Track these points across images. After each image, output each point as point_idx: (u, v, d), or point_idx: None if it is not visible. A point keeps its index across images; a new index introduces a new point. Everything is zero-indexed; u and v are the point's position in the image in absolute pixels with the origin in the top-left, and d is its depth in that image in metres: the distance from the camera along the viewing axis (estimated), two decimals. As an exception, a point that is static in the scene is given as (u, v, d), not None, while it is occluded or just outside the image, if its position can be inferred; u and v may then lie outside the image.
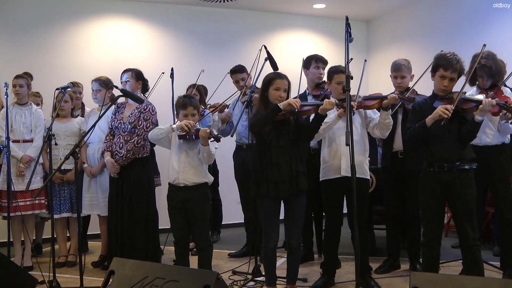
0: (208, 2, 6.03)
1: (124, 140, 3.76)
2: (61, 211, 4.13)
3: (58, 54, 5.61)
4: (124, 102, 4.01)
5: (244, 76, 4.26)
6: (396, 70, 3.73)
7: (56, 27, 5.63)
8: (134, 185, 3.75)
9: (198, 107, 3.36)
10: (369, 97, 3.37)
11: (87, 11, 5.76)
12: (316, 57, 4.10)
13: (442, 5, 5.76)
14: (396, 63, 3.75)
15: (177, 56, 6.02)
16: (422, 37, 6.02)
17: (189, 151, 3.27)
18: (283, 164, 3.01)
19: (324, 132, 3.25)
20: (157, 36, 6.04)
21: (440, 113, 2.77)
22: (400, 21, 6.45)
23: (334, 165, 3.30)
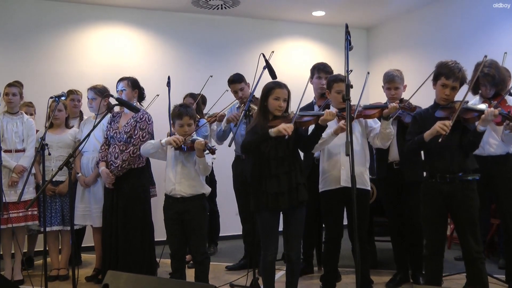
0: (206, 10, 6.07)
1: (120, 150, 3.76)
2: (52, 224, 4.11)
3: (52, 62, 5.62)
4: (120, 111, 4.02)
5: (242, 86, 4.26)
6: (389, 82, 3.74)
7: (50, 35, 5.65)
8: (130, 196, 3.75)
9: (194, 117, 3.37)
10: (369, 106, 3.39)
11: (83, 18, 5.79)
12: (318, 67, 4.10)
13: (445, 13, 5.79)
14: (388, 74, 3.76)
15: (174, 64, 6.05)
16: (425, 45, 6.05)
17: (185, 162, 3.27)
18: (282, 175, 3.02)
19: (320, 146, 3.26)
20: (153, 44, 6.07)
21: (438, 129, 2.78)
22: (402, 29, 6.50)
23: (334, 176, 3.31)
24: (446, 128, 2.74)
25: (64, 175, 4.06)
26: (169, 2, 5.83)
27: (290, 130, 2.88)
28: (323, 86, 4.02)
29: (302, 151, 3.33)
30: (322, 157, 3.43)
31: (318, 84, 4.07)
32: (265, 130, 2.99)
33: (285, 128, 2.87)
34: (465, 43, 5.44)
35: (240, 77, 4.30)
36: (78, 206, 4.10)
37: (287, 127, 2.88)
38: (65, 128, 4.30)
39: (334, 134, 3.20)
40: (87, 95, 4.21)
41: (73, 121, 4.54)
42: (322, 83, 4.03)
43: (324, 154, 3.41)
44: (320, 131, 3.07)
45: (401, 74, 3.77)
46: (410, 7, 6.14)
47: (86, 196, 4.11)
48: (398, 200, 3.74)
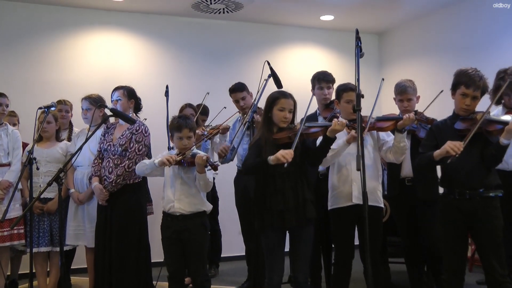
0: (207, 14, 6.09)
1: (114, 164, 3.76)
2: (39, 245, 4.01)
3: (42, 70, 5.62)
4: (115, 123, 4.03)
5: (244, 95, 4.26)
6: (401, 93, 3.73)
7: (40, 40, 5.65)
8: (125, 214, 3.73)
9: (194, 129, 3.37)
10: (382, 118, 3.37)
11: (75, 23, 5.81)
12: (318, 77, 4.07)
13: (463, 16, 5.78)
14: (400, 85, 3.75)
15: (172, 72, 6.07)
16: (441, 51, 6.04)
17: (185, 178, 3.27)
18: (288, 191, 3.01)
19: (331, 159, 3.25)
20: (151, 50, 6.10)
21: (448, 149, 2.75)
22: (416, 34, 6.50)
23: (345, 192, 3.29)
24: (457, 150, 2.71)
25: (53, 191, 4.01)
26: (167, 6, 5.86)
27: (290, 157, 2.82)
28: (326, 97, 4.02)
29: (309, 165, 3.32)
30: (332, 172, 3.42)
31: (321, 95, 4.04)
32: (266, 147, 2.99)
33: (283, 155, 2.82)
34: (485, 49, 5.43)
35: (241, 85, 4.31)
36: (70, 224, 4.08)
37: (285, 154, 2.82)
38: (55, 141, 4.26)
39: (346, 143, 3.19)
40: (82, 105, 4.21)
41: (63, 134, 4.52)
42: (324, 93, 4.01)
43: (334, 168, 3.39)
44: (328, 143, 3.05)
45: (414, 84, 3.76)
46: (425, 10, 6.14)
47: (80, 213, 4.09)
48: (412, 218, 3.70)
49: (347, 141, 3.17)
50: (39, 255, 4.09)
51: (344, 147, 3.21)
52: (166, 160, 3.17)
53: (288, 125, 3.12)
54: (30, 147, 3.69)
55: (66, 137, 4.53)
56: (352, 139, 3.13)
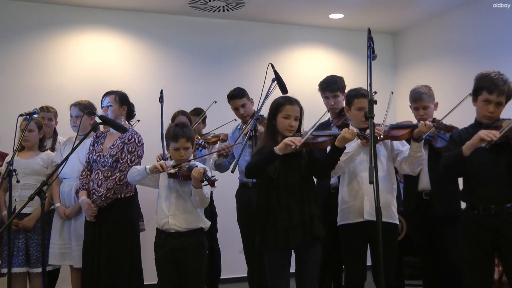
0: (205, 12, 6.11)
1: (104, 177, 3.77)
2: (13, 265, 3.89)
3: (24, 74, 5.59)
4: (105, 131, 4.05)
5: (244, 102, 4.27)
6: (416, 100, 3.75)
7: (21, 41, 5.64)
8: (115, 231, 3.73)
9: (192, 139, 3.40)
10: (397, 126, 3.39)
11: (61, 22, 5.82)
12: (321, 86, 4.09)
13: (484, 15, 5.78)
14: (414, 92, 3.77)
15: (168, 76, 6.09)
16: (461, 52, 6.04)
17: (180, 191, 3.29)
18: (293, 206, 3.02)
19: (345, 164, 3.25)
20: (145, 52, 6.12)
21: (483, 135, 2.73)
22: (434, 34, 6.50)
23: (356, 207, 3.30)
24: (492, 136, 2.71)
25: (30, 206, 3.94)
26: (162, 3, 5.88)
27: (298, 142, 2.89)
28: (333, 107, 4.03)
29: (317, 178, 3.33)
30: (342, 184, 3.43)
31: (327, 105, 4.07)
32: (270, 148, 3.00)
33: (291, 140, 2.89)
34: (509, 50, 5.43)
35: (241, 91, 4.31)
36: (54, 242, 4.06)
37: (293, 139, 2.90)
38: (38, 151, 4.25)
39: (361, 145, 3.18)
40: (70, 112, 4.23)
41: (47, 143, 4.49)
42: (330, 103, 4.04)
43: (344, 181, 3.40)
44: (337, 154, 3.06)
45: (430, 90, 3.78)
46: (444, 8, 6.14)
47: (66, 230, 4.08)
48: (431, 236, 3.70)
49: (362, 143, 3.17)
50: (14, 277, 3.92)
51: (359, 149, 3.21)
52: (159, 166, 3.19)
53: (294, 134, 3.12)
54: (10, 158, 3.70)
55: (49, 147, 4.52)
56: (366, 142, 3.13)
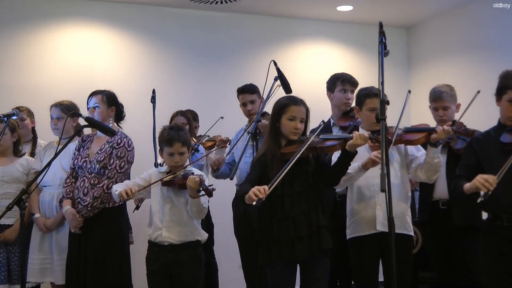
0: (201, 4, 6.13)
1: (90, 184, 3.78)
2: None
3: (1, 71, 5.60)
4: (91, 135, 4.06)
5: (254, 99, 4.29)
6: (436, 100, 3.78)
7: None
8: (103, 244, 3.73)
9: (188, 143, 3.41)
10: (412, 129, 3.39)
11: (43, 15, 5.81)
12: (343, 77, 4.15)
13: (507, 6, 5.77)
14: (434, 91, 3.80)
15: (161, 74, 6.10)
16: (482, 48, 6.04)
17: (175, 201, 3.31)
18: (299, 217, 3.03)
19: (344, 183, 3.27)
20: (136, 47, 6.13)
21: (478, 184, 2.68)
22: (452, 27, 6.50)
23: (367, 218, 3.31)
24: (488, 186, 2.65)
25: (12, 216, 3.98)
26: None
27: (263, 194, 2.72)
28: (348, 102, 4.07)
29: (325, 186, 3.33)
30: (351, 193, 3.44)
31: (342, 99, 4.11)
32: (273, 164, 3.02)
33: (254, 192, 2.73)
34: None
35: (253, 87, 4.35)
36: (34, 257, 4.03)
37: (257, 191, 2.73)
38: (13, 156, 4.23)
39: (362, 169, 3.19)
40: (51, 113, 4.23)
41: (24, 147, 4.49)
42: (347, 97, 4.08)
43: (353, 189, 3.41)
44: (348, 159, 3.07)
45: (452, 90, 3.81)
46: (463, 0, 6.14)
47: (47, 243, 4.07)
48: (449, 250, 3.71)
49: (364, 166, 3.17)
50: None
51: (360, 173, 3.22)
52: (125, 193, 3.19)
53: (299, 137, 3.14)
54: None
55: (29, 151, 4.51)
56: (371, 164, 3.13)
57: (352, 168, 3.19)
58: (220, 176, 4.29)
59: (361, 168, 3.19)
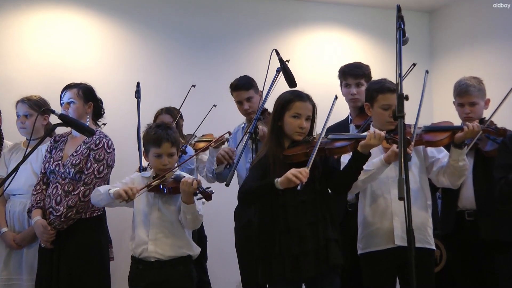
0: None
1: (64, 191, 3.77)
2: None
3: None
4: (65, 134, 4.05)
5: (250, 95, 4.27)
6: (462, 95, 3.78)
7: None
8: (79, 261, 3.71)
9: (178, 143, 3.41)
10: (433, 128, 3.39)
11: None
12: (343, 70, 4.16)
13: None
14: (460, 84, 3.80)
15: (146, 65, 6.09)
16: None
17: (164, 209, 3.30)
18: (305, 228, 3.04)
19: (363, 184, 3.27)
20: (117, 34, 6.10)
21: None
22: (481, 11, 6.45)
23: (383, 230, 3.31)
24: None
25: None
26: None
27: (305, 176, 2.82)
28: (354, 98, 4.08)
29: (334, 193, 3.34)
30: (363, 201, 3.44)
31: (347, 95, 4.14)
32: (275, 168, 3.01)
33: (295, 175, 2.82)
34: None
35: (248, 81, 4.31)
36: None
37: (299, 173, 2.82)
38: None
39: (385, 163, 3.19)
40: (17, 110, 4.24)
41: None
42: (352, 92, 4.09)
43: (366, 197, 3.41)
44: (360, 162, 3.07)
45: (481, 84, 3.81)
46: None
47: (14, 261, 4.07)
48: (477, 267, 3.70)
49: (386, 159, 3.17)
50: None
51: (382, 168, 3.21)
52: (124, 193, 3.16)
53: (305, 137, 3.15)
54: None
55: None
56: (394, 156, 3.12)
57: (373, 165, 3.19)
58: (223, 176, 4.26)
59: (384, 162, 3.18)
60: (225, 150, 4.16)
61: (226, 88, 4.38)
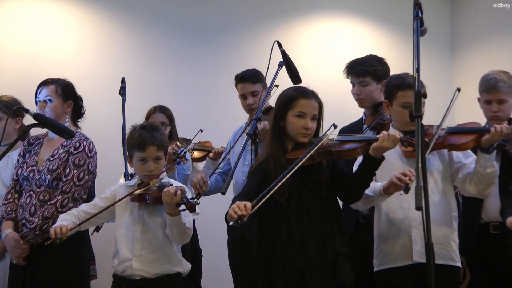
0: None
1: (39, 201, 3.76)
2: None
3: None
4: (41, 137, 4.05)
5: (256, 90, 4.29)
6: (490, 91, 3.76)
7: None
8: (55, 280, 3.70)
9: (165, 147, 3.40)
10: (457, 130, 3.38)
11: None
12: (346, 67, 4.18)
13: None
14: (488, 79, 3.78)
15: (133, 58, 6.09)
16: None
17: (149, 222, 3.29)
18: (310, 241, 3.03)
19: (364, 205, 3.28)
20: (100, 25, 6.10)
21: None
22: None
23: (399, 245, 3.29)
24: None
25: None
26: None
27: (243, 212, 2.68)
28: (358, 99, 4.11)
29: (343, 201, 3.35)
30: (378, 212, 3.43)
31: (353, 95, 4.16)
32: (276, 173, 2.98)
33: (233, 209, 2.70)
34: None
35: (256, 74, 4.33)
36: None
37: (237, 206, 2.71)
38: None
39: (384, 194, 3.16)
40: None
41: None
42: (356, 92, 4.12)
43: (381, 207, 3.40)
44: (372, 167, 3.06)
45: (511, 78, 3.79)
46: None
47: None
48: (502, 287, 3.68)
49: (385, 191, 3.14)
50: None
51: (382, 197, 3.20)
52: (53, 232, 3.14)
53: (310, 139, 3.14)
54: None
55: None
56: (394, 187, 3.07)
57: (373, 190, 3.18)
58: (209, 193, 4.26)
59: (383, 193, 3.16)
60: (197, 178, 4.14)
61: (223, 85, 4.38)
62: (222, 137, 4.60)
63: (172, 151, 4.25)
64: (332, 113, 3.17)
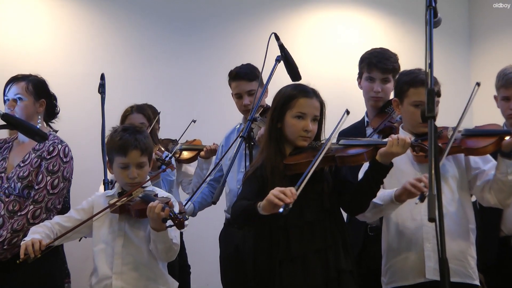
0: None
1: (8, 211, 3.76)
2: None
3: None
4: (10, 139, 4.06)
5: (252, 88, 4.31)
6: (508, 86, 3.78)
7: None
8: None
9: (150, 151, 3.41)
10: (475, 132, 3.37)
11: None
12: (369, 58, 4.14)
13: None
14: (506, 73, 3.80)
15: (114, 52, 6.13)
16: None
17: (131, 234, 3.28)
18: (312, 257, 3.04)
19: (373, 216, 3.29)
20: (75, 14, 6.13)
21: None
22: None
23: (411, 261, 3.29)
24: None
25: None
26: None
27: (290, 197, 2.70)
28: (377, 97, 4.07)
29: (347, 212, 3.35)
30: (387, 225, 3.43)
31: (368, 91, 4.13)
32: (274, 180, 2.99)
33: (277, 195, 2.71)
34: None
35: (252, 71, 4.34)
36: None
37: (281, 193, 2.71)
38: None
39: (396, 201, 3.15)
40: None
41: None
42: (376, 89, 4.08)
43: (391, 219, 3.40)
44: (379, 175, 3.04)
45: None
46: None
47: None
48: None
49: (397, 198, 3.13)
50: None
51: (393, 205, 3.19)
52: (24, 248, 3.11)
53: (311, 143, 3.14)
54: None
55: None
56: (406, 195, 3.07)
57: (383, 198, 3.17)
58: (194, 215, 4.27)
59: (394, 200, 3.15)
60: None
61: (213, 81, 4.38)
62: (212, 136, 4.60)
63: (155, 156, 4.22)
64: (334, 114, 3.15)
